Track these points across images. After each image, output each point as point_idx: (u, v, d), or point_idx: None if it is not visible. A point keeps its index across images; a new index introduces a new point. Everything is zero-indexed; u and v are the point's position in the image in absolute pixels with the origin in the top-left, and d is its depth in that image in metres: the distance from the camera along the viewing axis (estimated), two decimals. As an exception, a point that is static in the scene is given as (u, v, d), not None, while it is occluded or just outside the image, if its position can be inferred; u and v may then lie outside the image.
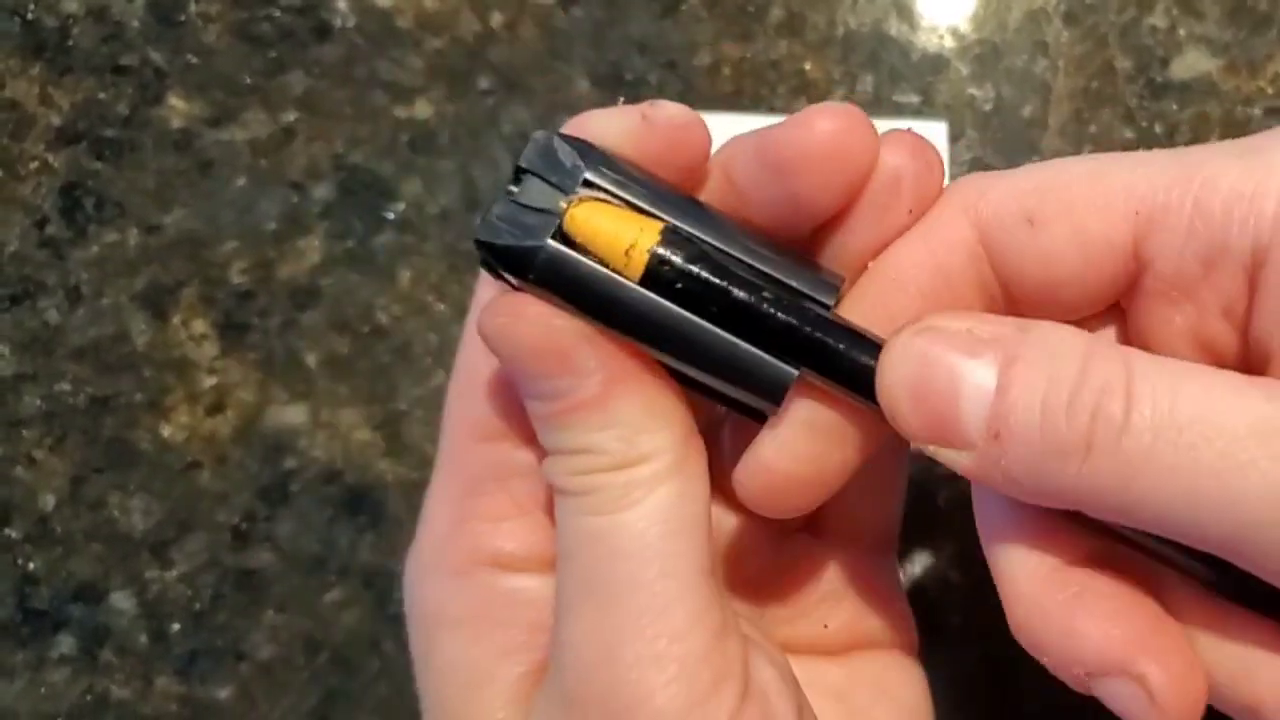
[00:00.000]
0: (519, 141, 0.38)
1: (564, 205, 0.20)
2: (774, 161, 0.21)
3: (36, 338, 0.37)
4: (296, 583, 0.34)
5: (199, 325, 0.37)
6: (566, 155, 0.20)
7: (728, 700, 0.20)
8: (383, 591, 0.34)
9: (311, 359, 0.36)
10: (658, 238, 0.20)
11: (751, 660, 0.21)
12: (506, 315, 0.21)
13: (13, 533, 0.35)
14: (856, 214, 0.21)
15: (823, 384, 0.21)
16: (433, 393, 0.36)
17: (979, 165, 0.37)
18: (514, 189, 0.21)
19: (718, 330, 0.20)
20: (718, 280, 0.20)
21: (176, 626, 0.34)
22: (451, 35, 0.39)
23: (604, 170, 0.20)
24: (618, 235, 0.20)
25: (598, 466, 0.20)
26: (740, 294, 0.20)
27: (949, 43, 0.39)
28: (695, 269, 0.20)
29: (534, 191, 0.20)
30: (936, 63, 0.39)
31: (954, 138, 0.38)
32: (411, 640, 0.23)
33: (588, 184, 0.20)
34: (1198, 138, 0.37)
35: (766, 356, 0.20)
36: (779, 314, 0.20)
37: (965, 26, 0.39)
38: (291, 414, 0.36)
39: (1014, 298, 0.21)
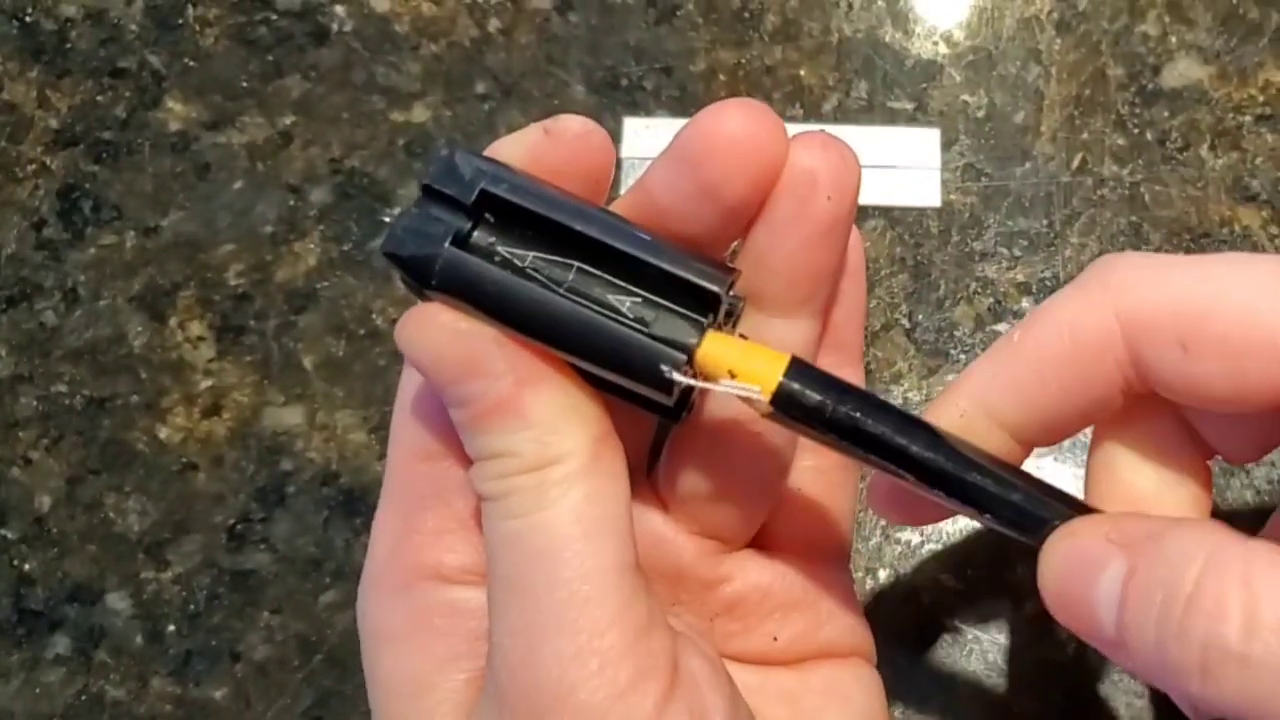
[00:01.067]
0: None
1: (466, 226, 0.21)
2: (684, 157, 0.21)
3: (33, 339, 0.37)
4: (292, 584, 0.35)
5: (196, 327, 0.37)
6: (467, 168, 0.21)
7: (652, 693, 0.20)
8: (378, 593, 0.34)
9: (308, 361, 0.36)
10: (784, 370, 0.21)
11: (681, 653, 0.21)
12: (415, 324, 0.21)
13: (8, 533, 0.35)
14: (777, 209, 0.22)
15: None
16: (428, 395, 0.36)
17: (972, 171, 0.38)
18: (422, 204, 0.21)
19: (615, 323, 0.21)
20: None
21: (172, 627, 0.34)
22: (449, 40, 0.39)
23: (500, 181, 0.21)
24: (748, 365, 0.21)
25: (513, 469, 0.21)
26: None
27: (943, 50, 0.39)
28: (820, 397, 0.21)
29: (436, 204, 0.21)
30: (930, 69, 0.39)
31: (947, 144, 0.38)
32: (363, 658, 0.24)
33: (484, 194, 0.21)
34: (1188, 144, 0.37)
35: (658, 345, 0.21)
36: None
37: (959, 34, 0.39)
38: (288, 416, 0.36)
39: (1156, 388, 0.22)
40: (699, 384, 0.21)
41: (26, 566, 0.35)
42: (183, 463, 0.36)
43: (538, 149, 0.22)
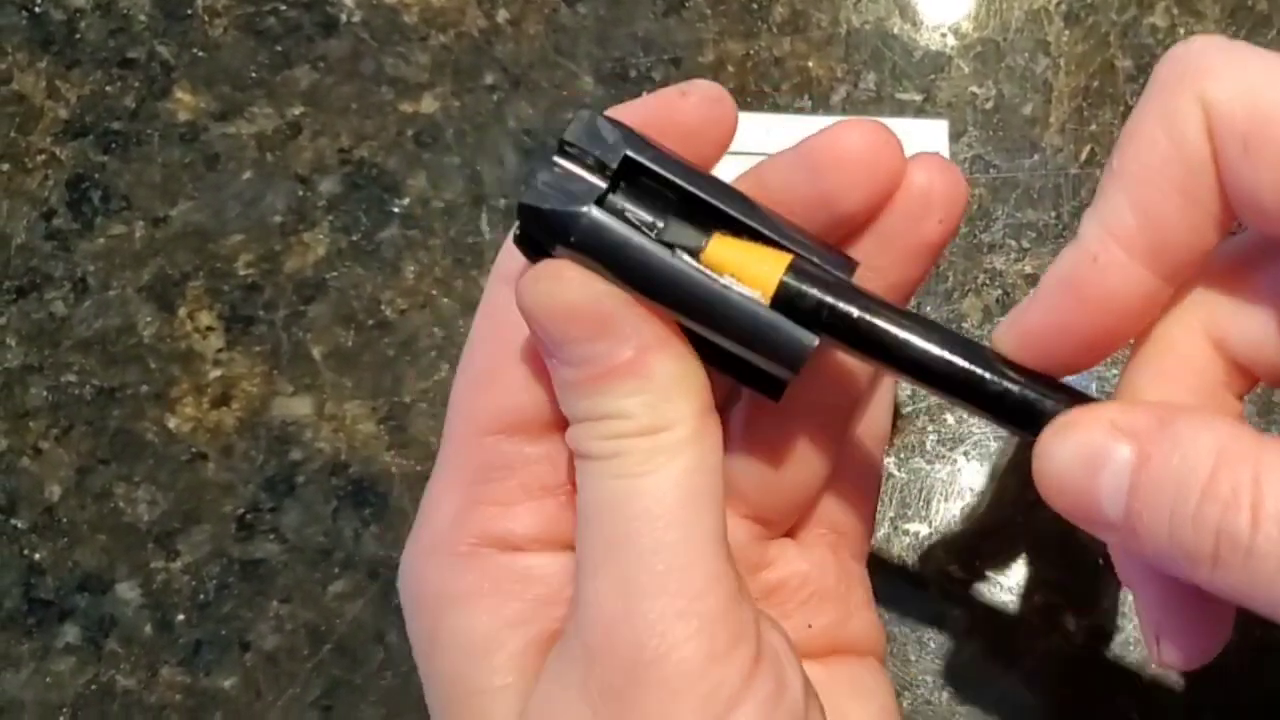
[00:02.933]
0: (524, 137, 0.38)
1: (603, 186, 0.21)
2: (808, 163, 0.22)
3: (43, 329, 0.37)
4: (301, 574, 0.35)
5: (205, 317, 0.37)
6: (609, 133, 0.22)
7: (743, 659, 0.21)
8: (387, 583, 0.34)
9: (317, 351, 0.36)
10: (787, 266, 0.21)
11: (764, 629, 0.22)
12: (549, 279, 0.21)
13: (19, 523, 0.35)
14: (889, 224, 0.23)
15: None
16: (437, 386, 0.36)
17: (980, 163, 0.38)
18: (559, 159, 0.22)
19: (746, 299, 0.21)
20: (843, 303, 0.21)
21: (181, 616, 0.34)
22: (457, 31, 0.39)
23: (643, 149, 0.22)
24: (749, 267, 0.21)
25: (625, 431, 0.21)
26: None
27: (951, 41, 0.39)
28: (819, 294, 0.21)
29: (574, 162, 0.22)
30: (938, 61, 0.39)
31: (955, 136, 0.38)
32: (413, 626, 0.24)
33: (627, 160, 0.22)
34: (1197, 137, 0.37)
35: (789, 324, 0.21)
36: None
37: (967, 25, 0.39)
38: (297, 406, 0.36)
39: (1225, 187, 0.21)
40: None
41: (37, 556, 0.35)
42: (192, 452, 0.36)
43: (673, 110, 0.22)
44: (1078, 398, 0.22)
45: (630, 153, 0.21)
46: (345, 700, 0.34)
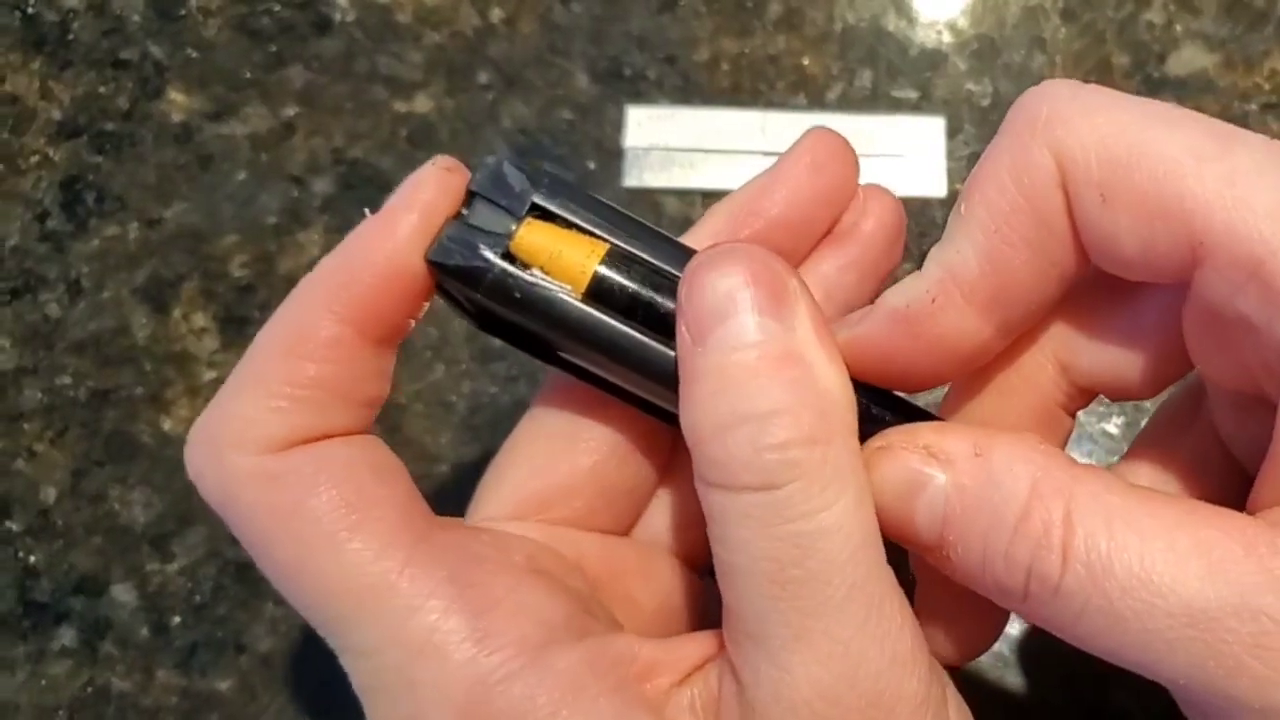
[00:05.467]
0: (519, 136, 0.38)
1: (513, 228, 0.21)
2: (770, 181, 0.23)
3: (37, 331, 0.37)
4: (297, 575, 0.35)
5: (199, 319, 0.37)
6: (516, 179, 0.21)
7: (941, 685, 0.20)
8: (383, 584, 0.34)
9: (311, 353, 0.36)
10: (602, 257, 0.21)
11: None
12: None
13: (14, 525, 0.35)
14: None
15: None
16: (431, 386, 0.36)
17: (977, 160, 0.37)
18: (465, 211, 0.21)
19: (658, 344, 0.21)
20: (659, 297, 0.21)
21: (177, 619, 0.34)
22: (451, 30, 0.39)
23: (551, 194, 0.21)
24: (562, 255, 0.21)
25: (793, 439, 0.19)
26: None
27: (947, 38, 0.39)
28: (636, 286, 0.21)
29: (484, 214, 0.21)
30: (934, 58, 0.39)
31: (952, 133, 0.38)
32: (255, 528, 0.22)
33: (535, 207, 0.21)
34: (1194, 133, 0.37)
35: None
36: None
37: (963, 22, 0.39)
38: (292, 407, 0.36)
39: (1080, 234, 0.20)
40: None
41: (32, 559, 0.35)
42: (187, 454, 0.36)
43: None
44: (907, 412, 0.22)
45: (538, 199, 0.21)
46: (340, 701, 0.34)
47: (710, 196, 0.37)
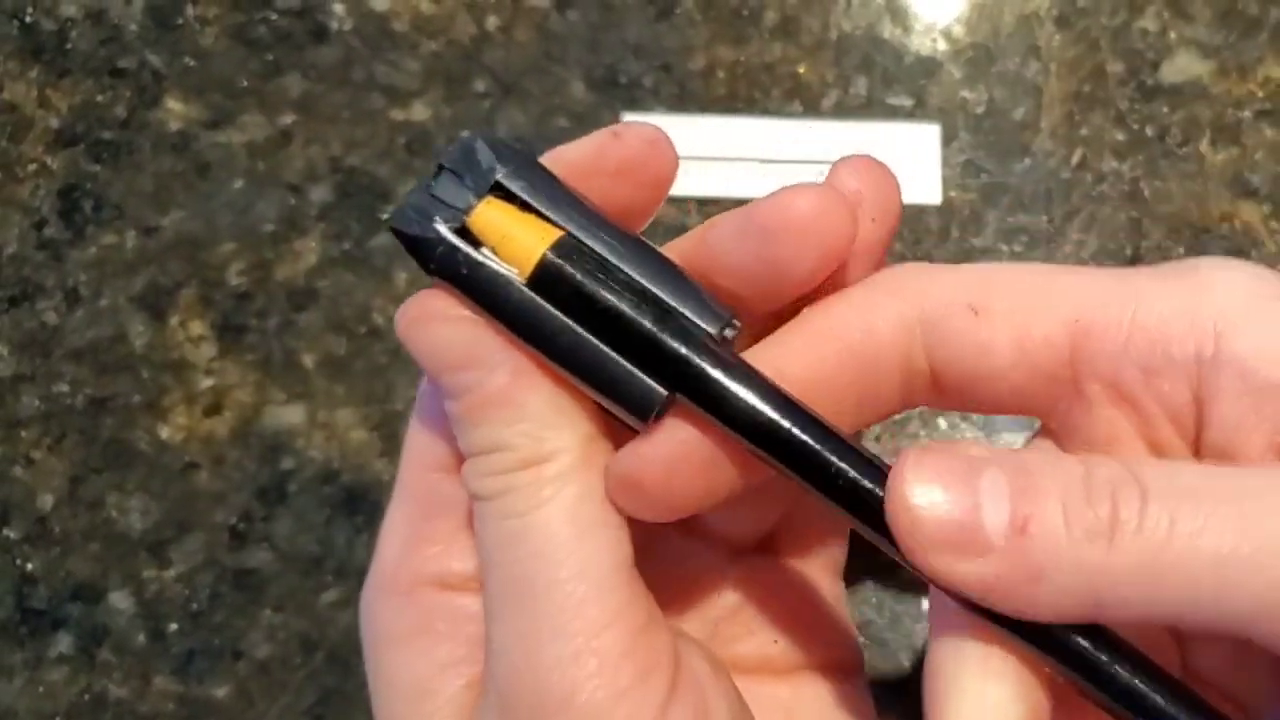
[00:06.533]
0: (515, 144, 0.38)
1: (472, 203, 0.21)
2: (757, 228, 0.21)
3: (35, 339, 0.37)
4: (294, 582, 0.35)
5: (197, 326, 0.37)
6: (485, 157, 0.21)
7: (655, 692, 0.20)
8: (379, 591, 0.34)
9: (309, 360, 0.36)
10: (551, 244, 0.21)
11: (684, 654, 0.21)
12: (414, 310, 0.22)
13: (11, 533, 0.35)
14: None
15: (695, 410, 0.21)
16: (429, 393, 0.36)
17: (971, 168, 0.38)
18: (431, 182, 0.21)
19: (595, 341, 0.21)
20: (602, 293, 0.20)
21: (174, 626, 0.34)
22: (448, 38, 0.39)
23: (517, 176, 0.21)
24: (513, 237, 0.21)
25: (507, 465, 0.21)
26: (622, 309, 0.20)
27: (942, 46, 0.39)
28: (581, 279, 0.20)
29: (448, 188, 0.21)
30: (929, 66, 0.39)
31: (947, 140, 0.38)
32: (365, 662, 0.24)
33: (498, 186, 0.21)
34: (1188, 140, 0.37)
35: (639, 374, 0.20)
36: (657, 333, 0.20)
37: (958, 30, 0.39)
38: (289, 414, 0.36)
39: (941, 384, 0.22)
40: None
41: (29, 566, 0.35)
42: (184, 462, 0.36)
43: (605, 150, 0.22)
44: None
45: (501, 179, 0.21)
46: (338, 709, 0.34)
47: (705, 204, 0.37)
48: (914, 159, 0.38)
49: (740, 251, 0.21)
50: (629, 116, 0.38)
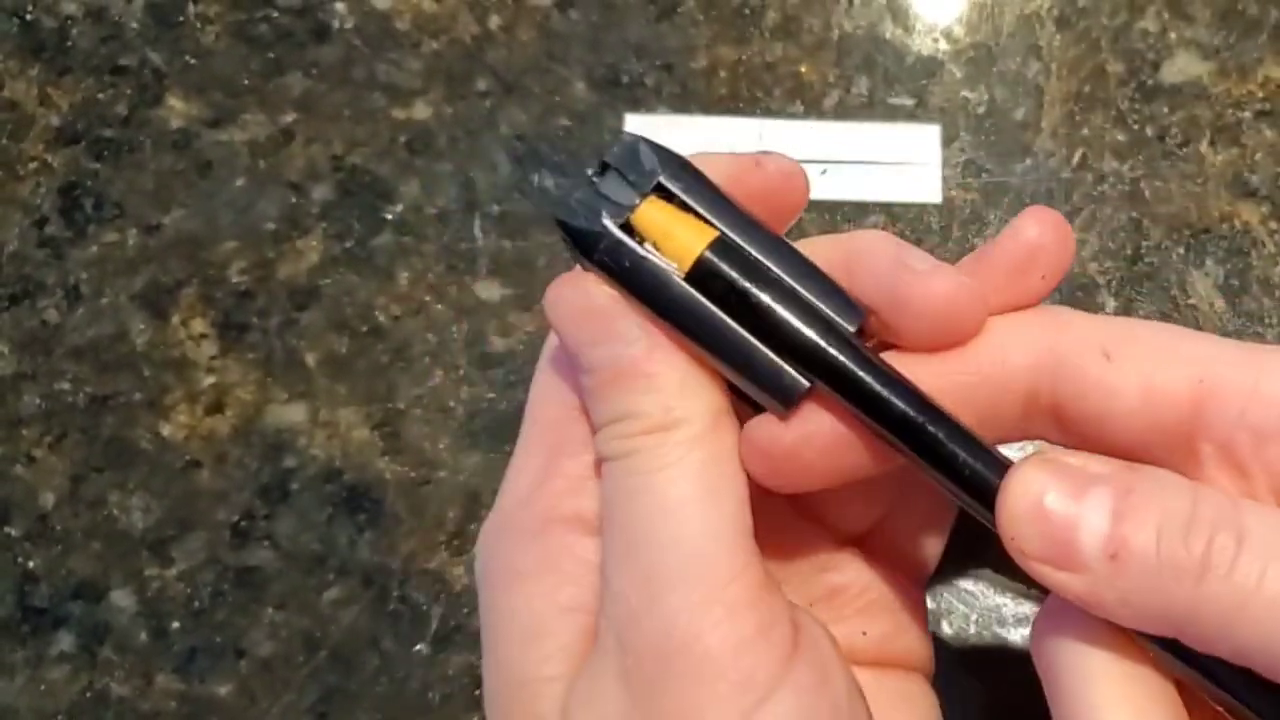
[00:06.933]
0: (516, 143, 0.38)
1: (637, 201, 0.23)
2: (889, 284, 0.22)
3: (36, 337, 0.37)
4: (296, 581, 0.35)
5: (198, 325, 0.37)
6: (648, 159, 0.23)
7: (778, 646, 0.21)
8: (382, 589, 0.34)
9: (310, 358, 0.36)
10: (708, 243, 0.22)
11: (803, 620, 0.22)
12: (563, 289, 0.23)
13: (13, 531, 0.35)
14: (994, 277, 0.23)
15: (833, 397, 0.22)
16: (431, 392, 0.36)
17: (972, 167, 0.38)
18: (596, 180, 0.23)
19: (744, 333, 0.22)
20: (753, 289, 0.22)
21: (176, 624, 0.34)
22: (449, 37, 0.39)
23: (677, 178, 0.23)
24: (674, 235, 0.22)
25: (638, 430, 0.22)
26: (770, 304, 0.22)
27: (943, 46, 0.39)
28: (735, 276, 0.22)
29: (613, 185, 0.23)
30: (930, 66, 0.39)
31: (947, 140, 0.38)
32: (480, 600, 0.24)
33: (660, 187, 0.23)
34: (1188, 140, 0.38)
35: (784, 365, 0.22)
36: (801, 329, 0.22)
37: (959, 30, 0.39)
38: (290, 413, 0.36)
39: (1062, 420, 0.22)
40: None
41: (31, 564, 0.35)
42: (186, 460, 0.36)
43: (747, 175, 0.24)
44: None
45: (664, 180, 0.23)
46: (340, 707, 0.34)
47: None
48: (915, 159, 0.38)
49: (875, 292, 0.23)
50: (631, 116, 0.38)
